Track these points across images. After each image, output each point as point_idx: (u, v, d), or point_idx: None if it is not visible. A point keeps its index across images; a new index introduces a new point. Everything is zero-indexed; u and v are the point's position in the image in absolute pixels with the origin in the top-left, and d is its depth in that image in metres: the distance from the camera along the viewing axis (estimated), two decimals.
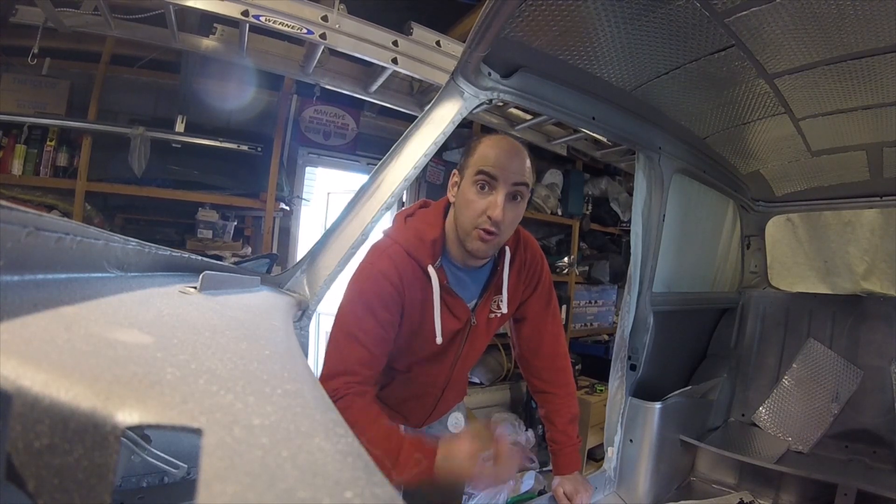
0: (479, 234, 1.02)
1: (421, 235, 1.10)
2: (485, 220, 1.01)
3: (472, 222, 1.02)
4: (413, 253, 1.08)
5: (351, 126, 3.09)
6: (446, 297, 1.12)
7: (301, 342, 1.08)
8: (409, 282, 1.08)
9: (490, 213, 1.00)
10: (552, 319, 1.33)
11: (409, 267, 1.08)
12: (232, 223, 2.66)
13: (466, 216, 1.03)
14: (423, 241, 1.09)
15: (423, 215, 1.16)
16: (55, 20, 1.90)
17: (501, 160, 1.01)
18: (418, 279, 1.09)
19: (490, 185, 1.01)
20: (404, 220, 1.16)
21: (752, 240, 2.44)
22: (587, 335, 4.07)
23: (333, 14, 1.95)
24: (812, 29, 1.07)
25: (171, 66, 2.58)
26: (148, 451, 0.64)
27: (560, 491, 1.29)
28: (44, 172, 2.30)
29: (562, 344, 1.36)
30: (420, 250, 1.09)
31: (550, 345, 1.33)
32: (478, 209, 1.01)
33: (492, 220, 1.00)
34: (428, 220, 1.13)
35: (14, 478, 0.25)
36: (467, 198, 1.03)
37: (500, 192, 1.00)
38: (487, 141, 1.06)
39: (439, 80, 2.16)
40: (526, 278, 1.25)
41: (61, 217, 0.66)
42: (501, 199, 1.00)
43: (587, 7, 1.02)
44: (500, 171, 1.00)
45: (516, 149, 1.04)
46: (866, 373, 2.11)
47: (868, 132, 1.58)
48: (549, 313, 1.32)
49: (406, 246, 1.09)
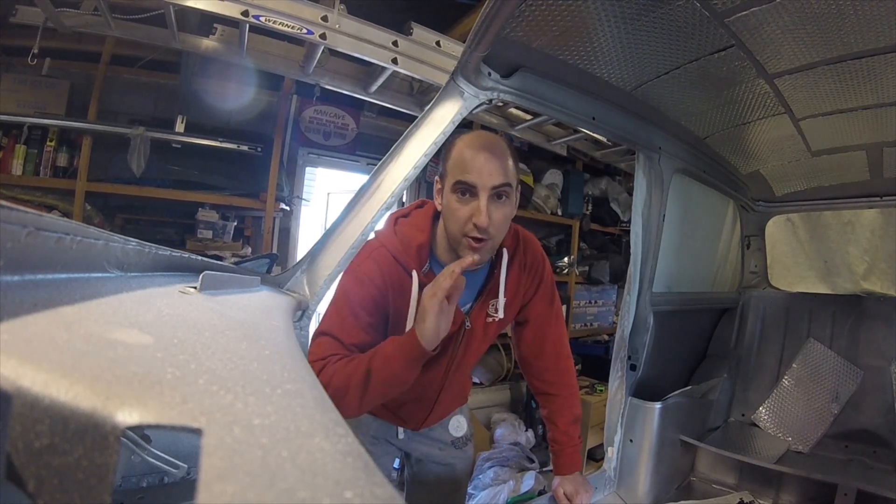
0: (468, 243, 1.00)
1: (407, 241, 1.09)
2: (471, 227, 0.98)
3: (459, 230, 1.00)
4: (399, 257, 1.08)
5: (351, 126, 3.10)
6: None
7: (301, 342, 1.08)
8: (394, 286, 1.07)
9: (475, 220, 0.97)
10: (555, 320, 1.31)
11: (395, 271, 1.07)
12: (232, 223, 2.66)
13: (453, 225, 1.02)
14: (409, 246, 1.08)
15: (413, 219, 1.14)
16: (55, 20, 1.90)
17: (478, 165, 0.97)
18: (404, 283, 1.08)
19: (471, 192, 0.98)
20: (395, 221, 1.15)
21: (752, 240, 2.44)
22: (587, 335, 4.07)
23: (333, 14, 1.95)
24: (812, 29, 1.07)
25: (171, 67, 2.58)
26: (148, 451, 0.64)
27: (560, 491, 1.29)
28: (44, 173, 2.31)
29: (565, 345, 1.34)
30: (406, 255, 1.08)
31: (554, 345, 1.31)
32: (462, 217, 0.99)
33: (478, 227, 0.97)
34: (417, 224, 1.12)
35: (14, 478, 0.25)
36: (450, 207, 1.01)
37: (482, 197, 0.97)
38: (461, 144, 1.02)
39: (439, 81, 2.16)
40: (527, 280, 1.23)
41: (61, 217, 0.66)
42: (484, 204, 0.97)
43: (587, 7, 1.02)
44: (477, 177, 0.97)
45: (493, 148, 0.99)
46: (866, 373, 2.11)
47: (868, 132, 1.58)
48: (553, 314, 1.30)
49: (392, 250, 1.08)
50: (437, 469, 1.40)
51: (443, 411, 1.36)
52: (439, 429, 1.39)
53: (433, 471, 1.40)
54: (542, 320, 1.29)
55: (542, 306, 1.28)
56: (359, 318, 1.05)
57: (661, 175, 1.60)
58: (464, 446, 1.43)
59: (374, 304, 1.07)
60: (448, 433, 1.40)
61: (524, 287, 1.23)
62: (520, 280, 1.21)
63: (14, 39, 2.13)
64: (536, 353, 1.32)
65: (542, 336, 1.30)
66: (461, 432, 1.41)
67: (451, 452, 1.40)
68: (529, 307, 1.27)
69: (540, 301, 1.27)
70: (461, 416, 1.43)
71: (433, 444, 1.38)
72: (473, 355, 1.26)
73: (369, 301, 1.06)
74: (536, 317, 1.29)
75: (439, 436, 1.39)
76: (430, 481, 1.40)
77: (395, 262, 1.08)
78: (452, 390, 1.30)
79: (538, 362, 1.33)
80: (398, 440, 1.34)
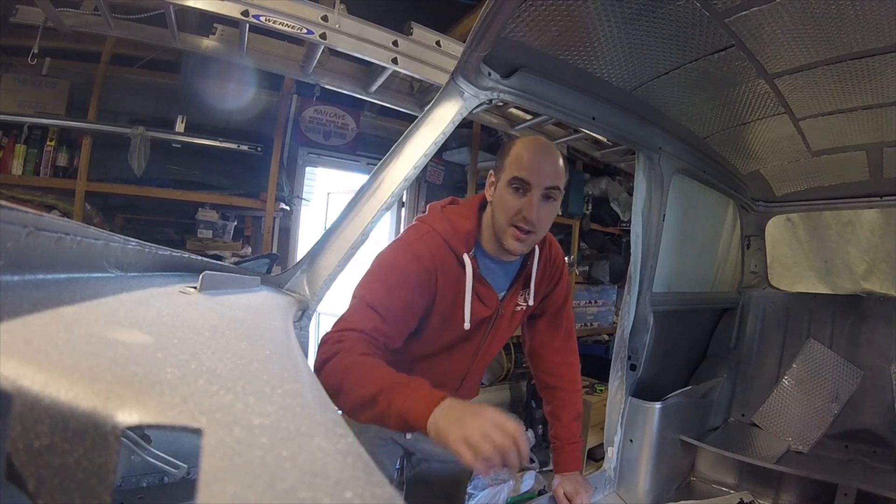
0: (514, 233, 1.08)
1: (456, 226, 1.14)
2: (520, 218, 1.07)
3: (508, 220, 1.08)
4: (449, 240, 1.12)
5: (351, 126, 3.09)
6: (477, 285, 1.15)
7: (301, 342, 1.08)
8: (444, 268, 1.11)
9: (525, 214, 1.06)
10: (567, 315, 1.39)
11: (445, 253, 1.11)
12: (232, 223, 2.66)
13: (503, 216, 1.09)
14: (458, 231, 1.13)
15: (458, 208, 1.20)
16: (55, 20, 1.90)
17: (534, 165, 1.06)
18: (452, 266, 1.12)
19: (524, 189, 1.07)
20: (441, 209, 1.19)
21: (752, 240, 2.44)
22: (587, 335, 4.07)
23: (333, 14, 1.95)
24: (812, 29, 1.07)
25: (171, 66, 2.58)
26: (148, 451, 0.64)
27: (560, 491, 1.29)
28: (44, 172, 2.30)
29: (573, 340, 1.41)
30: (455, 239, 1.12)
31: (563, 339, 1.38)
32: (513, 209, 1.07)
33: (527, 219, 1.06)
34: (463, 213, 1.17)
35: (14, 478, 0.25)
36: (503, 199, 1.09)
37: (534, 194, 1.06)
38: (521, 144, 1.10)
39: (439, 80, 2.16)
40: (549, 274, 1.30)
41: (61, 217, 0.65)
42: (536, 200, 1.05)
43: (587, 7, 1.02)
44: (533, 175, 1.05)
45: (549, 152, 1.09)
46: (866, 373, 2.11)
47: (868, 132, 1.58)
48: (566, 309, 1.38)
49: (443, 233, 1.12)
50: (439, 468, 1.40)
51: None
52: None
53: (435, 469, 1.40)
54: (556, 312, 1.36)
55: (560, 299, 1.35)
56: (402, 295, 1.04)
57: (661, 175, 1.60)
58: None
59: (421, 284, 1.08)
60: None
61: (547, 280, 1.30)
62: (544, 273, 1.28)
63: (14, 39, 2.12)
64: (547, 344, 1.37)
65: (556, 328, 1.37)
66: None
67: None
68: (548, 300, 1.34)
69: (558, 294, 1.34)
70: None
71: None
72: (500, 341, 1.31)
73: (416, 280, 1.07)
74: (553, 309, 1.35)
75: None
76: (431, 480, 1.40)
77: (445, 246, 1.12)
78: (473, 378, 1.34)
79: (547, 354, 1.38)
80: (406, 440, 1.34)
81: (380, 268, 1.09)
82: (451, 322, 1.15)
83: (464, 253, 1.13)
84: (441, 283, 1.11)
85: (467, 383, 1.32)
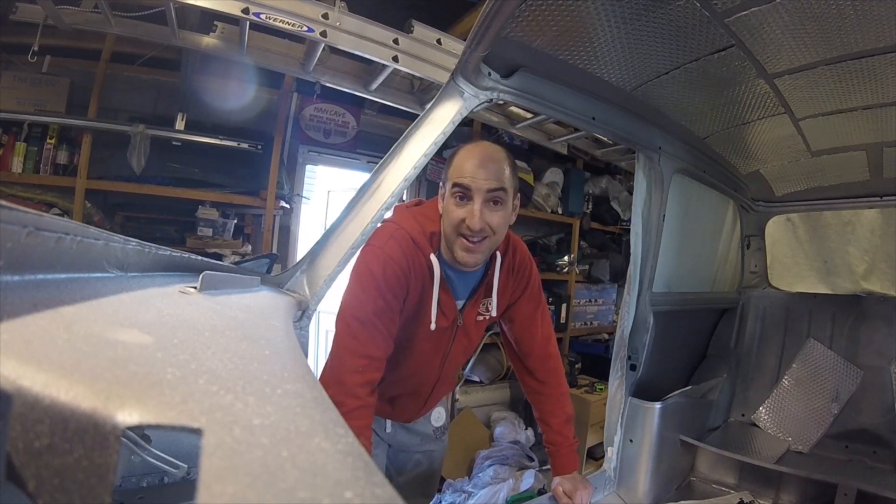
0: (462, 244, 1.07)
1: (423, 226, 1.14)
2: (465, 227, 1.05)
3: (454, 230, 1.07)
4: (417, 240, 1.12)
5: (351, 124, 3.09)
6: (440, 292, 1.15)
7: (301, 342, 1.08)
8: (414, 266, 1.11)
9: (469, 222, 1.05)
10: (542, 321, 1.36)
11: (414, 252, 1.12)
12: (232, 221, 2.65)
13: (448, 225, 1.09)
14: (425, 231, 1.14)
15: (424, 210, 1.19)
16: (55, 18, 1.89)
17: (474, 170, 1.04)
18: (421, 265, 1.13)
19: (466, 196, 1.05)
20: (406, 209, 1.20)
21: (752, 240, 2.43)
22: (587, 334, 4.07)
23: (334, 12, 1.94)
24: (812, 29, 1.07)
25: (172, 64, 2.57)
26: (148, 451, 0.64)
27: (560, 489, 1.31)
28: (44, 170, 2.30)
29: (553, 345, 1.39)
30: (423, 238, 1.13)
31: (542, 346, 1.36)
32: (457, 218, 1.06)
33: (471, 228, 1.04)
34: (427, 214, 1.17)
35: (14, 478, 0.25)
36: (448, 208, 1.08)
37: (477, 200, 1.04)
38: (462, 152, 1.09)
39: (440, 79, 2.16)
40: (514, 281, 1.28)
41: (61, 215, 0.66)
42: (478, 207, 1.04)
43: (587, 7, 1.02)
44: (472, 181, 1.04)
45: (490, 156, 1.07)
46: (866, 373, 2.11)
47: (868, 132, 1.58)
48: (539, 315, 1.35)
49: (411, 232, 1.12)
50: (416, 458, 1.46)
51: (434, 403, 1.42)
52: (423, 420, 1.44)
53: (413, 459, 1.46)
54: (528, 321, 1.34)
55: (530, 306, 1.33)
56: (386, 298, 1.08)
57: (661, 175, 1.60)
58: (442, 436, 1.50)
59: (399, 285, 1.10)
60: (430, 424, 1.46)
61: (511, 288, 1.29)
62: (508, 281, 1.26)
63: (14, 37, 2.12)
64: (526, 352, 1.37)
65: (531, 335, 1.35)
66: (441, 422, 1.48)
67: (431, 442, 1.46)
68: (516, 307, 1.32)
69: (527, 301, 1.32)
70: (441, 407, 1.50)
71: (415, 434, 1.43)
72: (465, 350, 1.32)
73: (394, 281, 1.09)
74: (524, 317, 1.34)
75: (422, 427, 1.44)
76: (408, 470, 1.46)
77: (414, 245, 1.12)
78: (445, 382, 1.36)
79: (528, 362, 1.37)
80: (385, 433, 1.39)
81: (360, 280, 1.10)
82: (415, 322, 1.16)
83: (430, 253, 1.13)
84: (412, 282, 1.12)
85: (439, 388, 1.35)
